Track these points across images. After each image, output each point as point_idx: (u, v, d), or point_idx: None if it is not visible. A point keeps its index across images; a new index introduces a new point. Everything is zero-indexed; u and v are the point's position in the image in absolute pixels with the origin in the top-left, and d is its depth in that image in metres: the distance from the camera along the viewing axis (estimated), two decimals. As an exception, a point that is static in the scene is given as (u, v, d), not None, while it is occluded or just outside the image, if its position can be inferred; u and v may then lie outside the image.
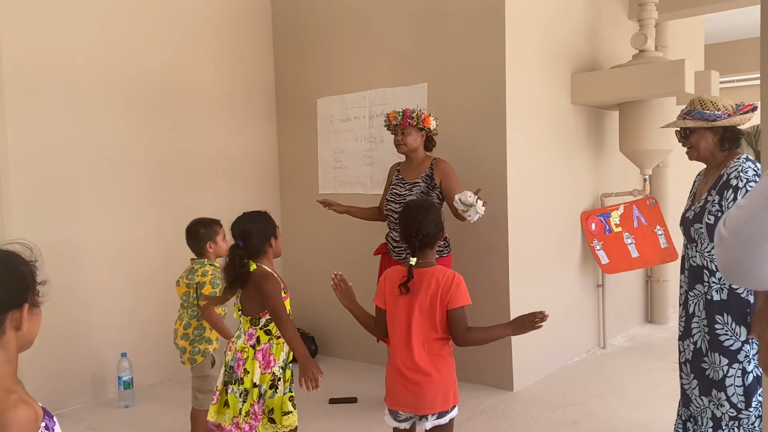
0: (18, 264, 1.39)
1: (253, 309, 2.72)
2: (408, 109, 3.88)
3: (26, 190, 4.16)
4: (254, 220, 2.76)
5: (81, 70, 4.40)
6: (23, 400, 1.30)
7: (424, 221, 2.52)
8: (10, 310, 1.33)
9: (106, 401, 4.44)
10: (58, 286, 4.29)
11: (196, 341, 3.39)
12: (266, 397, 2.69)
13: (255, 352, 2.68)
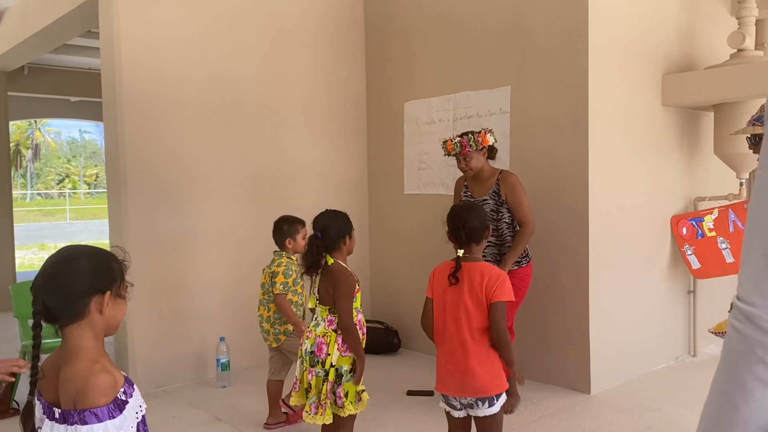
0: (109, 259, 1.67)
1: (330, 300, 2.97)
2: (464, 138, 3.96)
3: (140, 189, 4.66)
4: (334, 216, 3.04)
5: (188, 81, 4.86)
6: (105, 369, 1.54)
7: (470, 216, 2.74)
8: (95, 295, 1.59)
9: (206, 381, 4.87)
10: (168, 274, 4.80)
11: (276, 323, 3.84)
12: (344, 380, 2.92)
13: (336, 335, 2.93)
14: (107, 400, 1.49)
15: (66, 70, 9.77)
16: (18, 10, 6.36)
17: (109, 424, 1.47)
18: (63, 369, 1.54)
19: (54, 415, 1.53)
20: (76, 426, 1.46)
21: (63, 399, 1.51)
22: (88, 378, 1.50)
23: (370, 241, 6.01)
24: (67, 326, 1.57)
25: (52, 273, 1.58)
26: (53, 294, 1.56)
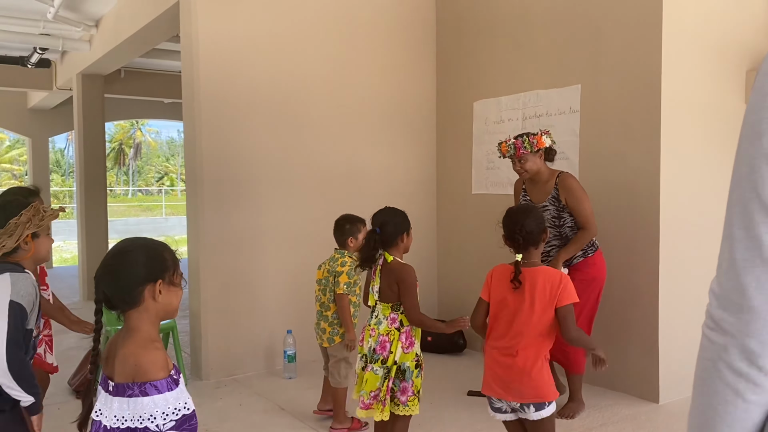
0: (162, 250, 1.79)
1: (392, 297, 3.01)
2: (518, 140, 3.88)
3: (215, 188, 4.89)
4: (393, 213, 3.09)
5: (259, 82, 5.05)
6: (159, 349, 1.69)
7: (527, 220, 2.69)
8: (148, 283, 1.71)
9: (274, 372, 5.05)
10: (239, 268, 5.00)
11: (335, 323, 3.82)
12: (413, 377, 2.96)
13: (400, 333, 2.97)
14: (165, 374, 1.62)
15: (158, 73, 10.34)
16: (112, 17, 6.81)
17: (168, 396, 1.60)
18: (121, 347, 1.68)
19: (108, 387, 1.67)
20: (136, 398, 1.59)
21: (120, 374, 1.64)
22: (147, 354, 1.64)
23: (437, 241, 6.02)
24: (127, 312, 1.71)
25: (110, 265, 1.72)
26: (111, 284, 1.70)
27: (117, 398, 1.63)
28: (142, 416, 1.59)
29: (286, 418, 4.11)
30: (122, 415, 1.61)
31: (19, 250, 2.41)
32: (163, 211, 33.86)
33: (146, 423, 1.59)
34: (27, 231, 2.40)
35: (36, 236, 2.46)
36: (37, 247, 2.48)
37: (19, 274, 2.34)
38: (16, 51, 8.83)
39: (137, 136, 46.54)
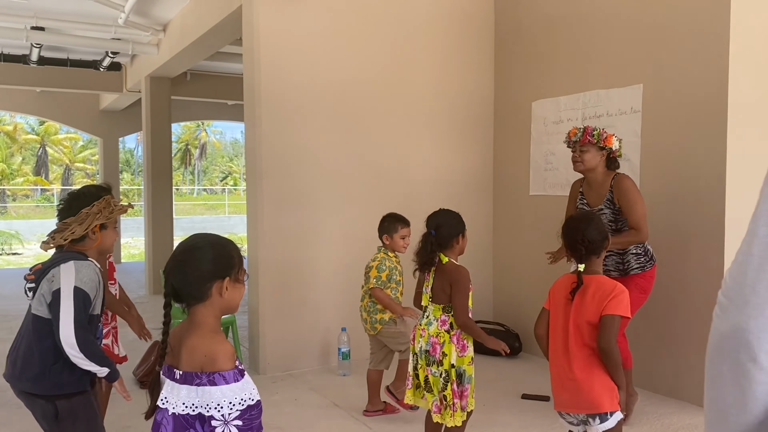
0: (229, 248, 1.84)
1: (445, 298, 3.02)
2: (590, 127, 3.82)
3: (274, 186, 5.00)
4: (447, 215, 3.09)
5: (317, 82, 5.14)
6: (225, 340, 1.76)
7: (588, 228, 2.62)
8: (216, 280, 1.77)
9: (329, 368, 5.12)
10: (296, 265, 5.10)
11: (372, 311, 4.01)
12: (464, 379, 2.96)
13: (450, 336, 2.97)
14: (232, 365, 1.68)
15: (222, 76, 10.64)
16: (179, 22, 7.05)
17: (234, 386, 1.65)
18: (187, 339, 1.74)
19: (174, 376, 1.74)
20: (203, 387, 1.65)
21: (188, 363, 1.70)
22: (216, 346, 1.70)
23: (494, 242, 5.97)
24: (193, 306, 1.77)
25: (180, 260, 1.77)
26: (180, 278, 1.75)
27: (185, 386, 1.69)
28: (209, 404, 1.65)
29: (339, 414, 4.17)
30: (191, 403, 1.67)
31: (86, 239, 2.52)
32: (226, 209, 34.77)
33: (212, 411, 1.64)
34: (96, 221, 2.50)
35: (104, 227, 2.57)
36: (104, 238, 2.58)
37: (83, 262, 2.45)
38: (89, 55, 9.26)
39: (202, 137, 47.93)
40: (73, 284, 2.35)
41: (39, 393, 2.38)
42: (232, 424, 1.63)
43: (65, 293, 2.33)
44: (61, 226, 2.50)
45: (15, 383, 2.42)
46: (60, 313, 2.31)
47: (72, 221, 2.49)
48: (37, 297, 2.43)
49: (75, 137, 38.84)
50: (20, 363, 2.40)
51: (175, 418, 1.70)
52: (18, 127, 38.29)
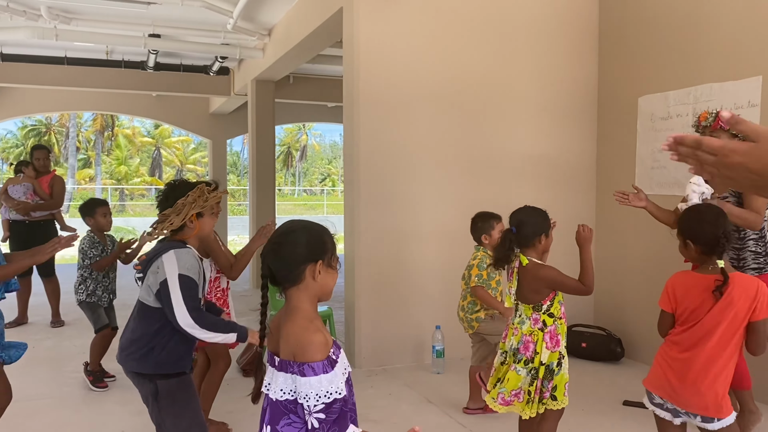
0: (322, 233, 1.89)
1: (533, 298, 2.95)
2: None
3: (370, 185, 5.08)
4: (532, 213, 3.01)
5: (416, 81, 5.17)
6: (319, 330, 1.77)
7: (726, 220, 2.52)
8: (309, 263, 1.82)
9: (422, 366, 5.13)
10: (392, 263, 5.15)
11: (468, 311, 4.02)
12: (554, 375, 2.91)
13: (543, 334, 2.92)
14: (322, 357, 1.69)
15: (323, 78, 10.92)
16: (283, 26, 7.31)
17: (322, 378, 1.67)
18: (284, 325, 1.79)
19: (274, 362, 1.80)
20: (295, 375, 1.69)
21: (283, 351, 1.75)
22: (307, 336, 1.72)
23: (596, 242, 5.76)
24: (289, 289, 1.82)
25: (275, 243, 1.84)
26: (276, 261, 1.82)
27: (281, 373, 1.74)
28: (299, 393, 1.69)
29: (433, 410, 4.18)
30: (289, 389, 1.72)
31: (185, 228, 2.64)
32: (324, 209, 35.64)
33: (302, 400, 1.68)
34: (192, 210, 2.62)
35: (200, 216, 2.67)
36: (201, 225, 2.69)
37: (182, 250, 2.58)
38: (200, 60, 9.78)
39: (303, 140, 49.41)
40: (178, 272, 2.49)
41: (143, 372, 2.53)
42: (315, 416, 1.66)
43: (172, 282, 2.47)
44: (160, 218, 2.64)
45: (124, 363, 2.60)
46: (172, 302, 2.45)
47: (170, 212, 2.62)
48: (144, 286, 2.59)
49: (187, 140, 41.16)
50: (128, 345, 2.58)
51: (274, 404, 1.75)
52: (135, 131, 41.10)
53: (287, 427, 1.72)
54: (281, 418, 1.73)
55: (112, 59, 9.55)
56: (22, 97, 11.73)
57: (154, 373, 2.52)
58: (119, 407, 4.28)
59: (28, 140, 35.89)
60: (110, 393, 4.56)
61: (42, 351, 5.55)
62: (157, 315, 2.52)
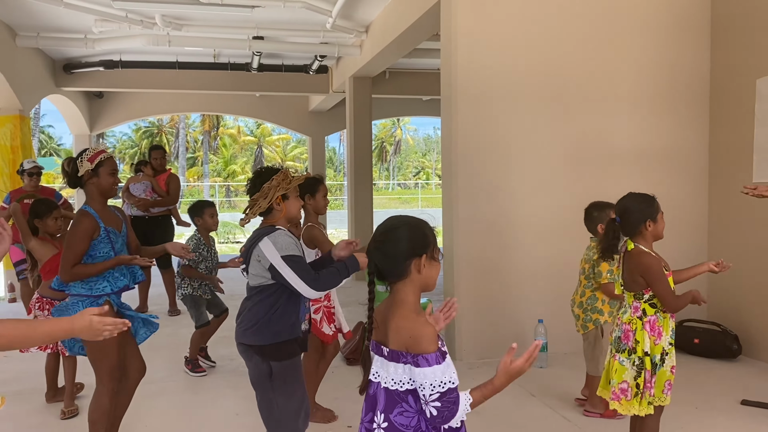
0: (423, 227, 1.93)
1: (635, 286, 2.88)
2: None
3: (468, 178, 5.08)
4: (636, 199, 2.92)
5: (516, 72, 5.11)
6: (428, 322, 1.81)
7: None
8: (414, 258, 1.87)
9: (524, 359, 5.08)
10: (490, 256, 5.13)
11: (588, 310, 3.79)
12: (656, 370, 2.82)
13: (642, 323, 2.84)
14: (434, 348, 1.74)
15: (418, 72, 10.98)
16: (380, 22, 7.41)
17: (436, 369, 1.71)
18: (392, 318, 1.84)
19: (383, 352, 1.87)
20: (409, 366, 1.75)
21: (394, 342, 1.81)
22: (419, 328, 1.77)
23: (708, 234, 5.48)
24: (394, 283, 1.88)
25: (379, 241, 1.90)
26: (381, 258, 1.88)
27: (393, 363, 1.80)
28: (414, 383, 1.75)
29: (536, 404, 4.14)
30: (399, 379, 1.78)
31: (273, 211, 2.75)
32: (419, 203, 35.78)
33: (419, 390, 1.74)
34: (277, 193, 2.72)
35: (286, 198, 2.77)
36: (288, 207, 2.79)
37: (273, 233, 2.69)
38: (300, 60, 10.09)
39: (397, 134, 49.76)
40: (279, 255, 2.61)
41: (260, 343, 2.68)
42: (431, 405, 1.71)
43: (279, 265, 2.60)
44: (250, 203, 2.78)
45: (240, 339, 2.75)
46: (289, 281, 2.59)
47: (257, 197, 2.74)
48: (250, 275, 2.74)
49: (286, 137, 42.54)
50: (243, 322, 2.74)
51: (387, 392, 1.82)
52: (239, 130, 42.96)
53: (400, 416, 1.79)
54: (395, 407, 1.80)
55: (219, 62, 10.05)
56: (137, 100, 12.57)
57: (272, 343, 2.66)
58: (232, 391, 4.53)
59: (142, 141, 38.33)
60: (224, 378, 4.84)
61: (161, 338, 5.92)
62: (268, 291, 2.67)
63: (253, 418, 3.95)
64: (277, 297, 2.66)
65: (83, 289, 3.07)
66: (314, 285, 2.59)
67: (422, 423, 1.77)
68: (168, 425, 3.93)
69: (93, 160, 3.10)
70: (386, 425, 1.81)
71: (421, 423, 1.77)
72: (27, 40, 7.98)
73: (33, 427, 3.94)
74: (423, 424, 1.77)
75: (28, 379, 4.68)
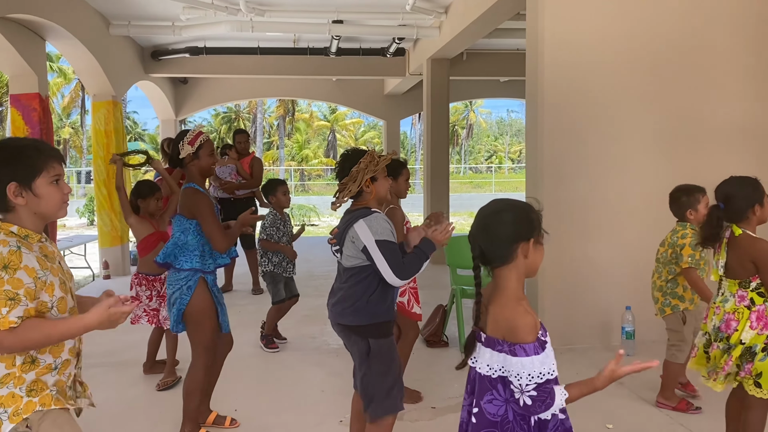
0: (529, 211, 1.87)
1: (742, 273, 2.76)
2: None
3: (554, 161, 4.96)
4: (740, 184, 2.80)
5: (607, 48, 4.93)
6: (528, 311, 1.78)
7: None
8: (521, 242, 1.82)
9: (610, 347, 4.96)
10: (576, 241, 5.01)
11: (668, 294, 3.72)
12: (756, 360, 2.71)
13: (750, 313, 2.73)
14: (532, 339, 1.71)
15: (497, 53, 10.79)
16: (460, 2, 7.30)
17: (534, 359, 1.69)
18: (493, 304, 1.82)
19: (480, 338, 1.85)
20: (505, 355, 1.73)
21: (492, 329, 1.79)
22: (518, 318, 1.74)
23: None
24: (498, 268, 1.85)
25: (484, 224, 1.87)
26: (485, 240, 1.84)
27: (488, 349, 1.78)
28: (510, 372, 1.72)
29: (624, 392, 4.04)
30: (492, 366, 1.76)
31: (363, 194, 2.77)
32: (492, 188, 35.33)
33: (512, 378, 1.72)
34: (366, 176, 2.74)
35: (374, 180, 2.78)
36: (377, 188, 2.80)
37: (370, 216, 2.70)
38: (378, 43, 10.10)
39: (470, 118, 49.20)
40: (374, 239, 2.63)
41: (359, 324, 2.72)
42: (527, 395, 1.68)
43: (372, 248, 2.62)
44: (340, 187, 2.80)
45: (337, 320, 2.80)
46: (377, 266, 2.61)
47: (347, 180, 2.76)
48: (345, 256, 2.76)
49: (358, 121, 42.84)
50: (341, 302, 2.78)
51: (480, 378, 1.81)
52: (313, 115, 43.60)
53: (488, 404, 1.78)
54: (485, 394, 1.79)
55: (299, 47, 10.19)
56: (219, 86, 12.95)
57: (371, 323, 2.70)
58: (316, 368, 4.64)
59: (221, 126, 39.49)
60: (307, 355, 4.96)
61: (246, 315, 6.14)
62: (365, 273, 2.69)
63: (338, 395, 4.04)
64: (373, 279, 2.68)
65: (195, 264, 3.21)
66: (400, 273, 2.61)
67: (509, 413, 1.75)
68: (255, 400, 4.07)
69: (193, 143, 3.23)
70: (477, 411, 1.81)
71: (509, 413, 1.75)
72: (119, 28, 8.33)
73: (133, 397, 4.17)
74: (510, 414, 1.75)
75: (131, 351, 4.93)
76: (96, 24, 7.83)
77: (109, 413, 3.74)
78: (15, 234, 1.90)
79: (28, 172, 1.89)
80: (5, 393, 1.86)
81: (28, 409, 1.86)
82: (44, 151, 1.94)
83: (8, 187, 1.88)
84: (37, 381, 1.89)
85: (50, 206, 1.94)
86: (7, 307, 1.79)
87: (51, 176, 1.93)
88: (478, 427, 1.80)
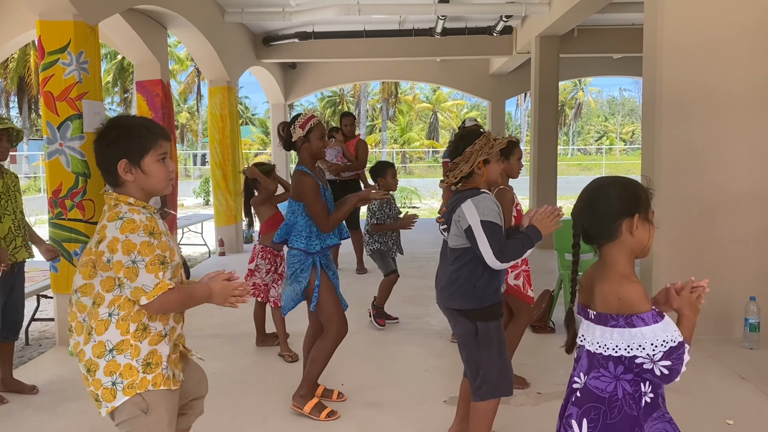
0: (636, 187, 1.81)
1: None
2: None
3: (674, 139, 4.68)
4: None
5: (733, 14, 4.57)
6: (636, 281, 1.73)
7: None
8: (625, 217, 1.76)
9: (730, 339, 4.65)
10: (696, 228, 4.74)
11: None
12: None
13: None
14: (648, 307, 1.67)
15: (610, 29, 10.29)
16: (572, -23, 7.02)
17: (655, 327, 1.65)
18: (599, 282, 1.78)
19: (589, 316, 1.81)
20: (623, 329, 1.68)
21: (602, 305, 1.75)
22: (627, 288, 1.70)
23: None
24: (604, 246, 1.80)
25: (587, 200, 1.83)
26: (589, 217, 1.81)
27: (599, 327, 1.74)
28: (630, 345, 1.67)
29: (748, 387, 3.78)
30: (605, 343, 1.72)
31: (474, 175, 2.73)
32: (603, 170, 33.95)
33: (635, 352, 1.66)
34: (479, 158, 2.69)
35: (487, 162, 2.73)
36: (489, 171, 2.74)
37: (478, 196, 2.66)
38: (484, 22, 9.91)
39: (579, 97, 47.36)
40: (479, 219, 2.60)
41: (467, 308, 2.72)
42: (661, 365, 1.64)
43: (476, 229, 2.60)
44: (451, 166, 2.77)
45: (448, 302, 2.81)
46: (479, 246, 2.59)
47: (459, 160, 2.73)
48: (451, 235, 2.76)
49: (461, 103, 42.40)
50: (449, 285, 2.78)
51: (589, 355, 1.78)
52: (415, 97, 43.58)
53: (595, 380, 1.76)
54: (592, 370, 1.77)
55: (404, 29, 10.20)
56: (326, 70, 13.24)
57: (479, 308, 2.70)
58: (421, 348, 4.69)
59: (326, 110, 40.37)
60: (410, 335, 5.01)
61: (352, 293, 6.28)
62: (469, 254, 2.68)
63: (442, 375, 4.07)
64: (478, 262, 2.66)
65: (301, 245, 3.34)
66: (500, 256, 2.57)
67: (619, 391, 1.71)
68: (361, 376, 4.18)
69: (304, 126, 3.34)
70: (581, 386, 1.79)
71: (618, 390, 1.71)
72: (233, 16, 8.68)
73: (247, 366, 4.40)
74: (620, 392, 1.71)
75: (242, 324, 5.20)
76: (212, 12, 8.20)
77: (226, 378, 3.98)
78: (133, 204, 1.99)
79: (138, 150, 1.99)
80: (123, 363, 1.95)
81: (143, 385, 1.95)
82: (153, 129, 2.03)
83: (119, 164, 1.97)
84: (152, 353, 1.98)
85: (157, 183, 2.03)
86: (162, 271, 1.92)
87: (158, 154, 2.02)
88: (582, 402, 1.78)
